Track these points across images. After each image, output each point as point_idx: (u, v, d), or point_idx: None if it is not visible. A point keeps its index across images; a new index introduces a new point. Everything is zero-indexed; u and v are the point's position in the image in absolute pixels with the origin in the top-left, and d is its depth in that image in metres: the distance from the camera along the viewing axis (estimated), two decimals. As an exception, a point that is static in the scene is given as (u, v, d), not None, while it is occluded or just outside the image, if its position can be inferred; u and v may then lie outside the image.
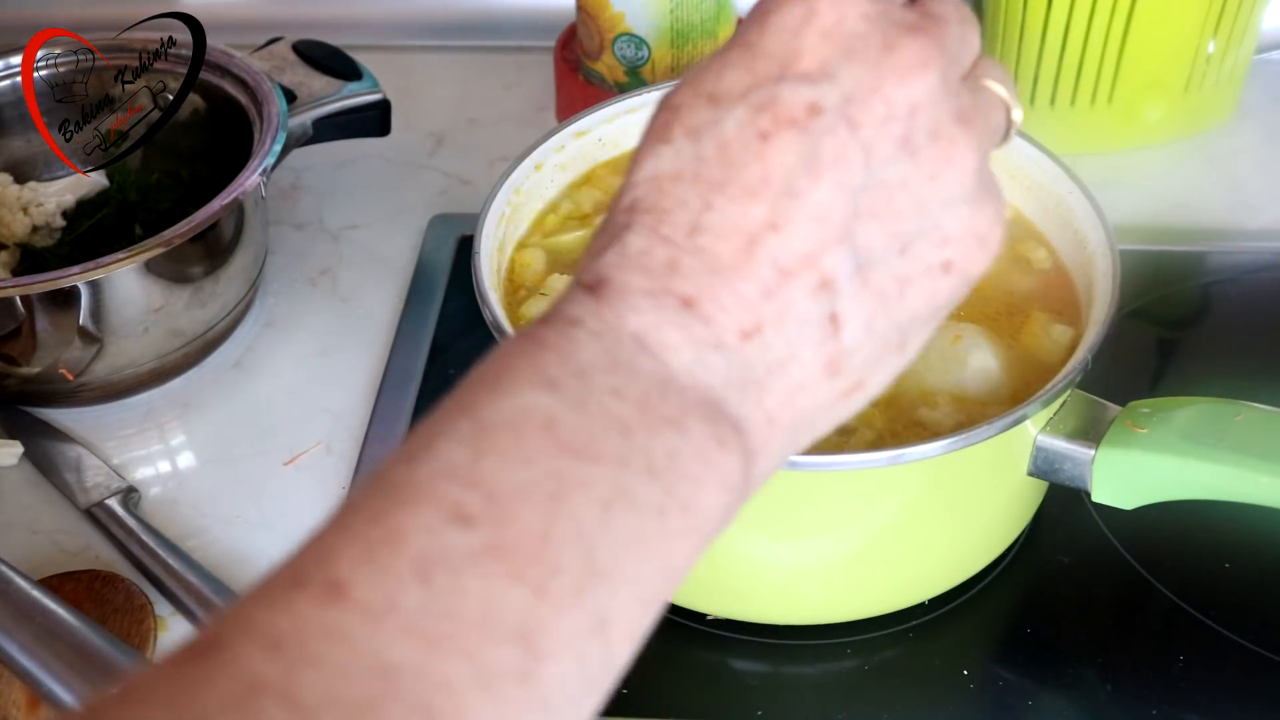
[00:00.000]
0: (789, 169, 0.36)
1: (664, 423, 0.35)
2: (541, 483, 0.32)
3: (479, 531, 0.31)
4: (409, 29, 1.08)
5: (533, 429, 0.33)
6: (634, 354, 0.36)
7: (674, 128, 0.38)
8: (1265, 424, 0.60)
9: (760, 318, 0.36)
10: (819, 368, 0.37)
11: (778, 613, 0.65)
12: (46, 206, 0.84)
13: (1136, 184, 0.92)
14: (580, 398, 0.34)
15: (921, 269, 0.39)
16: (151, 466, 0.77)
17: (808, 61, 0.38)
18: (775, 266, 0.36)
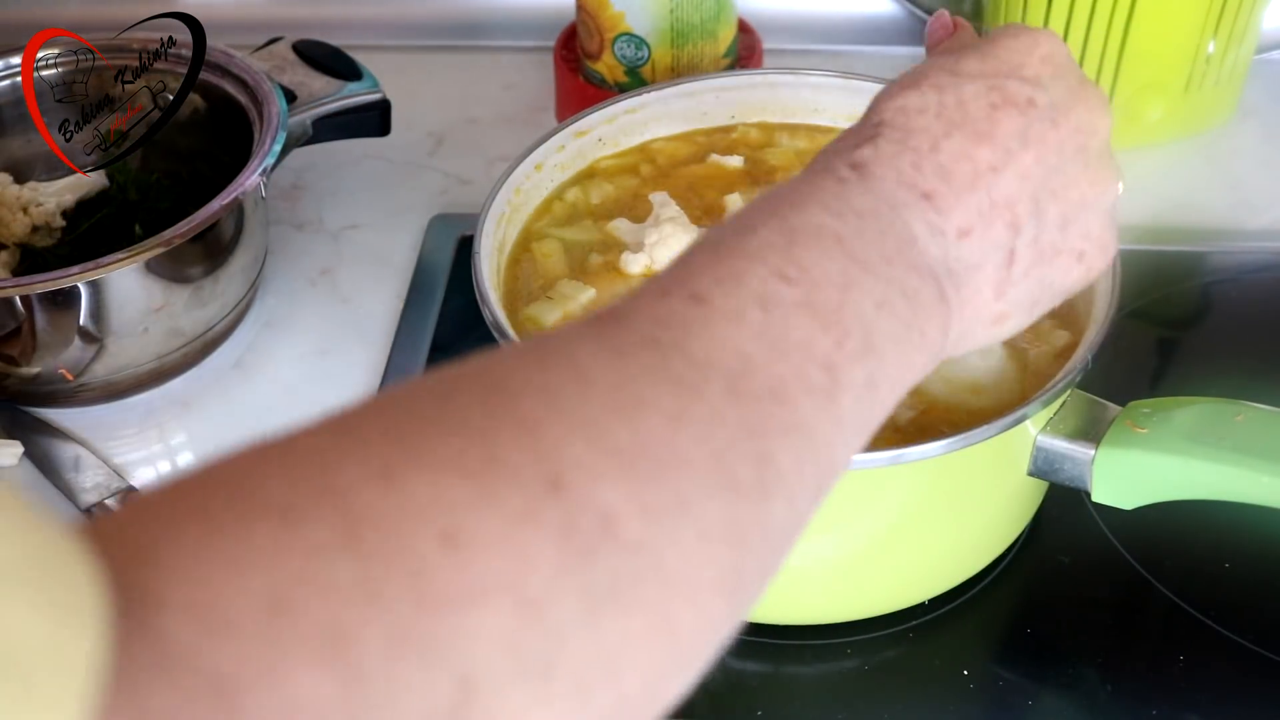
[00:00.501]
0: (1009, 134, 0.47)
1: (911, 266, 0.44)
2: (836, 273, 0.41)
3: (798, 289, 0.40)
4: (409, 29, 1.08)
5: (827, 237, 0.42)
6: (890, 214, 0.44)
7: (921, 82, 0.48)
8: (1265, 424, 0.60)
9: (973, 226, 0.46)
10: (993, 285, 0.47)
11: (778, 613, 0.65)
12: (46, 206, 0.84)
13: (1136, 184, 0.92)
14: (859, 229, 0.43)
15: (1069, 249, 0.49)
16: (151, 466, 0.77)
17: (1030, 71, 0.49)
18: (990, 196, 0.46)
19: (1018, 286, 0.48)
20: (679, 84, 0.78)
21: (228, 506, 0.31)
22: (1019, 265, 0.47)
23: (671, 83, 0.78)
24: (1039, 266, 0.48)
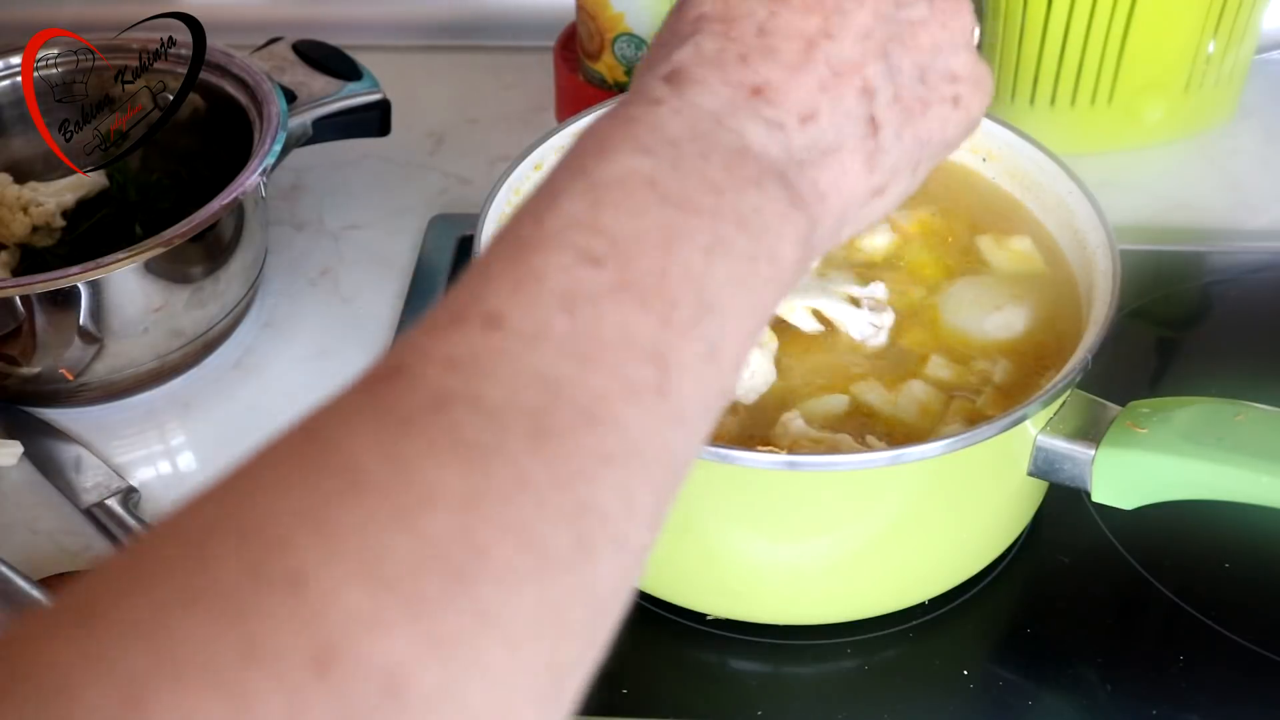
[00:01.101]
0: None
1: (747, 182, 0.39)
2: (653, 230, 0.37)
3: (608, 270, 0.35)
4: (409, 29, 1.08)
5: (639, 185, 0.38)
6: (714, 128, 0.40)
7: None
8: (1265, 424, 0.60)
9: (817, 106, 0.42)
10: (860, 160, 0.43)
11: (778, 613, 0.65)
12: (46, 206, 0.84)
13: (1136, 184, 0.92)
14: (675, 161, 0.39)
15: (938, 97, 0.45)
16: (151, 466, 0.77)
17: None
18: (829, 66, 0.42)
19: (890, 153, 0.44)
20: (679, 84, 0.78)
21: None
22: (886, 130, 0.44)
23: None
24: (910, 125, 0.44)
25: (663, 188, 0.38)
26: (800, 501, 0.61)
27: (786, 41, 0.42)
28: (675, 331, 0.36)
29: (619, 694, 0.63)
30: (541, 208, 0.37)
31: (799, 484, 0.59)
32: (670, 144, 0.39)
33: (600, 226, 0.36)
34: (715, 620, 0.66)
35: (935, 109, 0.45)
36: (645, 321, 0.35)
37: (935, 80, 0.45)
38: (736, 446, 0.58)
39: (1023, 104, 0.92)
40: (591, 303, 0.35)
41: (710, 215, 0.38)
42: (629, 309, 0.35)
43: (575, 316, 0.34)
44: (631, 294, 0.35)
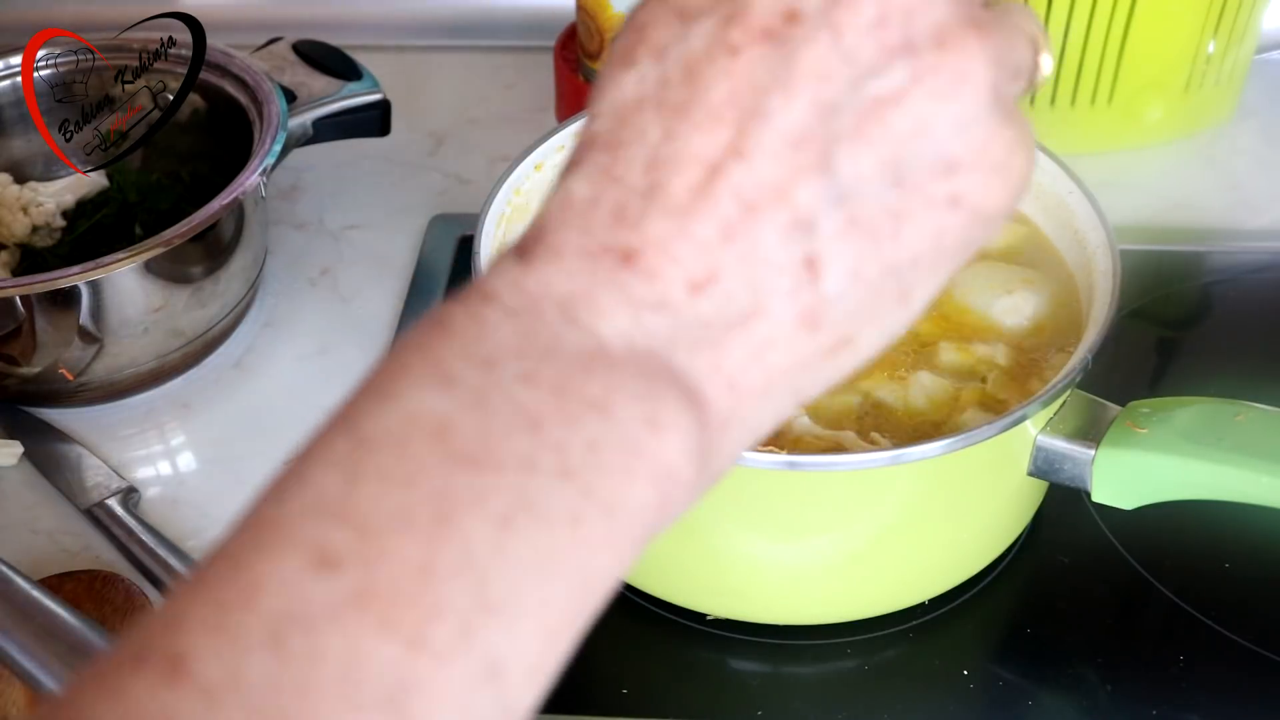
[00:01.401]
0: (758, 86, 0.31)
1: (585, 408, 0.30)
2: (424, 505, 0.28)
3: (345, 576, 0.27)
4: (409, 29, 1.08)
5: (419, 439, 0.29)
6: (557, 329, 0.31)
7: (639, 49, 0.33)
8: (1265, 424, 0.60)
9: (716, 265, 0.31)
10: (792, 321, 0.32)
11: (778, 613, 0.65)
12: (46, 206, 0.84)
13: (1136, 184, 0.92)
14: (481, 392, 0.29)
15: (921, 203, 0.32)
16: (151, 466, 0.77)
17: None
18: (738, 200, 0.31)
19: (846, 298, 0.32)
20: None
21: None
22: (833, 271, 0.32)
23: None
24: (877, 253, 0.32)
25: (454, 438, 0.29)
26: (800, 501, 0.61)
27: (676, 174, 0.31)
28: (429, 657, 0.27)
29: (619, 694, 0.63)
30: (289, 479, 0.29)
31: (799, 484, 0.59)
32: (484, 367, 0.30)
33: (351, 508, 0.28)
34: (715, 620, 0.66)
35: (920, 220, 0.32)
36: (383, 651, 0.27)
37: (920, 179, 0.32)
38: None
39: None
40: (308, 632, 0.26)
41: (517, 468, 0.29)
42: (361, 635, 0.27)
43: (281, 655, 0.26)
44: (369, 610, 0.27)
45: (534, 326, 0.31)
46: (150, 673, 0.26)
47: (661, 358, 0.31)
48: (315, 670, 0.26)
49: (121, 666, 0.27)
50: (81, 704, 0.27)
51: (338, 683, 0.26)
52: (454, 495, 0.28)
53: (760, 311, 0.32)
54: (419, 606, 0.27)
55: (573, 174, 0.33)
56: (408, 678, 0.27)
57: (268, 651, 0.26)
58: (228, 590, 0.27)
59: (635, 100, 0.33)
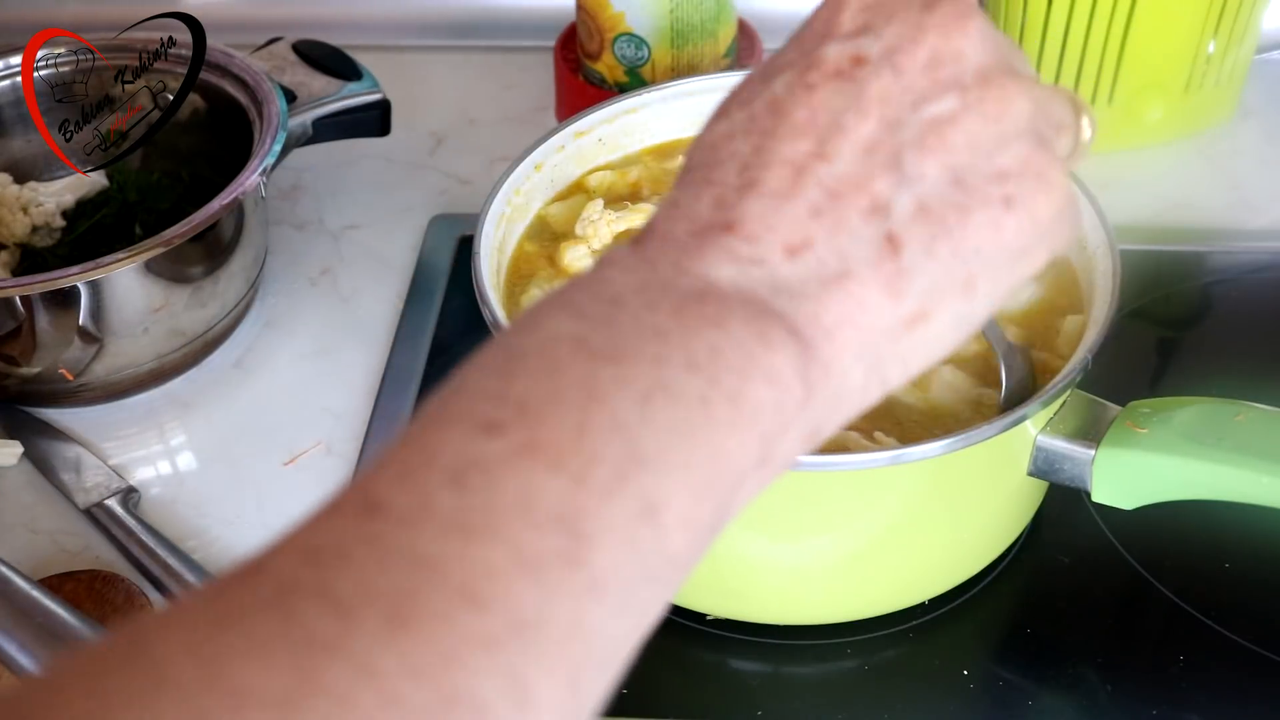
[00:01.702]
0: (835, 109, 0.38)
1: (704, 323, 0.35)
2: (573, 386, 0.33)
3: (511, 436, 0.32)
4: (409, 29, 1.08)
5: (562, 348, 0.34)
6: (670, 277, 0.36)
7: (730, 104, 0.40)
8: (1265, 424, 0.60)
9: (808, 234, 0.37)
10: (879, 286, 0.37)
11: (778, 613, 0.65)
12: (46, 206, 0.84)
13: (1136, 184, 0.92)
14: (610, 318, 0.35)
15: (980, 200, 0.38)
16: (151, 466, 0.77)
17: (849, 25, 0.40)
18: (823, 189, 0.37)
19: (921, 273, 0.38)
20: (679, 84, 0.78)
21: None
22: (911, 247, 0.38)
23: (671, 83, 0.78)
24: (945, 237, 0.38)
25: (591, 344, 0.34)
26: (800, 501, 0.61)
27: (769, 171, 0.38)
28: (593, 492, 0.31)
29: (619, 694, 0.63)
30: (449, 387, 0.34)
31: (799, 484, 0.59)
32: (610, 302, 0.35)
33: (509, 395, 0.33)
34: (715, 620, 0.66)
35: (979, 214, 0.38)
36: (552, 483, 0.31)
37: (976, 182, 0.39)
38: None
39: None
40: (485, 472, 0.31)
41: (651, 362, 0.34)
42: (532, 472, 0.31)
43: (464, 490, 0.31)
44: (538, 456, 0.31)
45: (651, 276, 0.36)
46: (350, 513, 0.31)
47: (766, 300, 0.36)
48: (495, 498, 0.30)
49: (322, 514, 0.31)
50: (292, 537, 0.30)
51: (516, 507, 0.31)
52: (598, 381, 0.33)
53: (850, 275, 0.37)
54: (580, 454, 0.32)
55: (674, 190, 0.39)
56: (575, 505, 0.31)
57: (451, 489, 0.31)
58: (408, 454, 0.32)
59: (726, 133, 0.39)
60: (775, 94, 0.39)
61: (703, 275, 0.36)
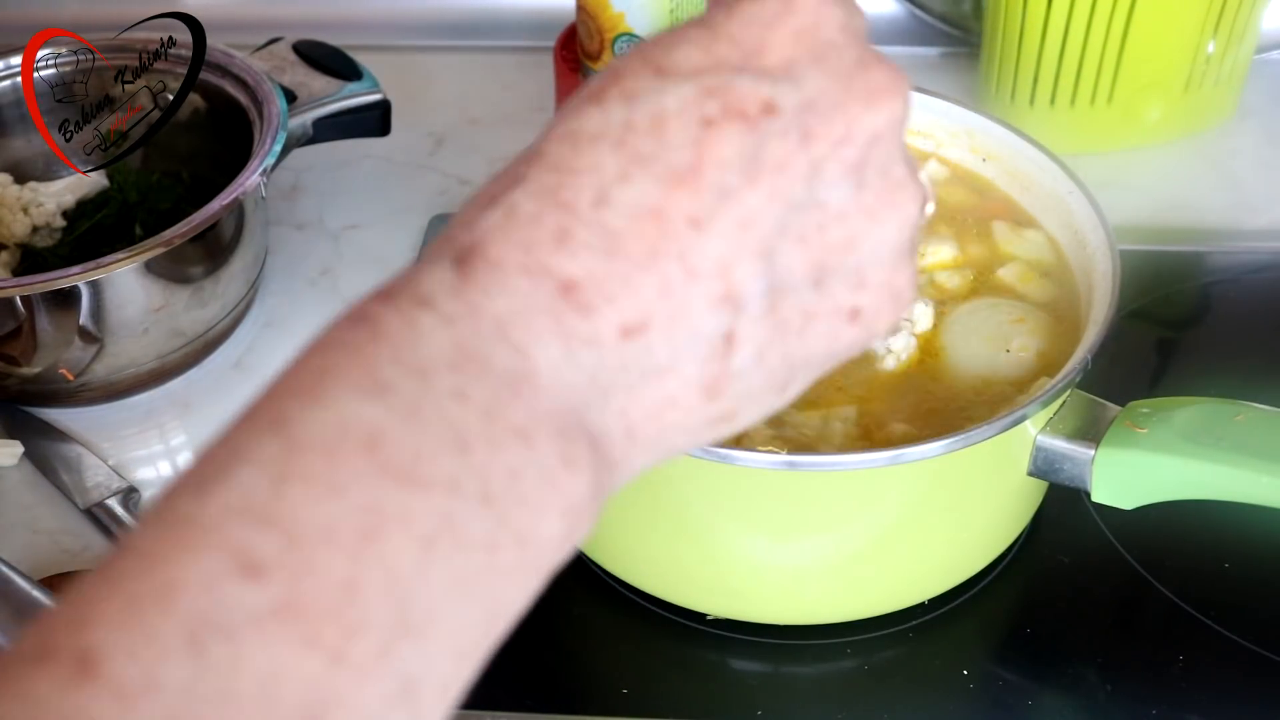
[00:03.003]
0: (726, 164, 0.33)
1: (510, 434, 0.30)
2: (352, 518, 0.28)
3: (270, 585, 0.26)
4: (409, 29, 1.08)
5: (351, 448, 0.28)
6: (491, 345, 0.31)
7: (609, 89, 0.34)
8: (1265, 424, 0.60)
9: (648, 316, 0.32)
10: (698, 387, 0.34)
11: (778, 613, 0.65)
12: (47, 207, 0.84)
13: (1136, 184, 0.92)
14: (415, 403, 0.29)
15: (830, 308, 0.35)
16: (152, 466, 0.77)
17: (774, 57, 0.34)
18: (684, 265, 0.32)
19: (746, 377, 0.34)
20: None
21: None
22: (745, 350, 0.34)
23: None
24: (782, 344, 0.35)
25: (385, 449, 0.28)
26: (800, 501, 0.61)
27: (632, 221, 0.32)
28: (350, 672, 0.27)
29: (619, 694, 0.63)
30: (211, 474, 0.28)
31: (799, 484, 0.59)
32: (418, 375, 0.30)
33: (278, 514, 0.27)
34: (715, 620, 0.66)
35: (823, 324, 0.35)
36: (305, 664, 0.26)
37: (836, 288, 0.35)
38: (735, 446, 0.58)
39: (1023, 104, 0.92)
40: (231, 639, 0.26)
41: (444, 488, 0.29)
42: (284, 645, 0.26)
43: (202, 661, 0.25)
44: (294, 623, 0.26)
45: (469, 340, 0.31)
46: (58, 670, 0.25)
47: (581, 395, 0.32)
48: (235, 680, 0.26)
49: (24, 664, 0.26)
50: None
51: (257, 695, 0.26)
52: (382, 510, 0.28)
53: (674, 370, 0.33)
54: (342, 622, 0.27)
55: (517, 188, 0.33)
56: (327, 694, 0.27)
57: (186, 656, 0.25)
58: (142, 586, 0.26)
59: (594, 134, 0.33)
60: (665, 108, 0.33)
61: (526, 352, 0.31)
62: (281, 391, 0.30)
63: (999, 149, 0.74)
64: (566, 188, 0.33)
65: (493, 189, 0.34)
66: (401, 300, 0.32)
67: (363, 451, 0.28)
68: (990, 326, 0.66)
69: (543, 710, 0.63)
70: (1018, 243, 0.71)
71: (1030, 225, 0.72)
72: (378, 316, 0.31)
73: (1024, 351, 0.65)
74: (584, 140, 0.33)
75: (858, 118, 0.34)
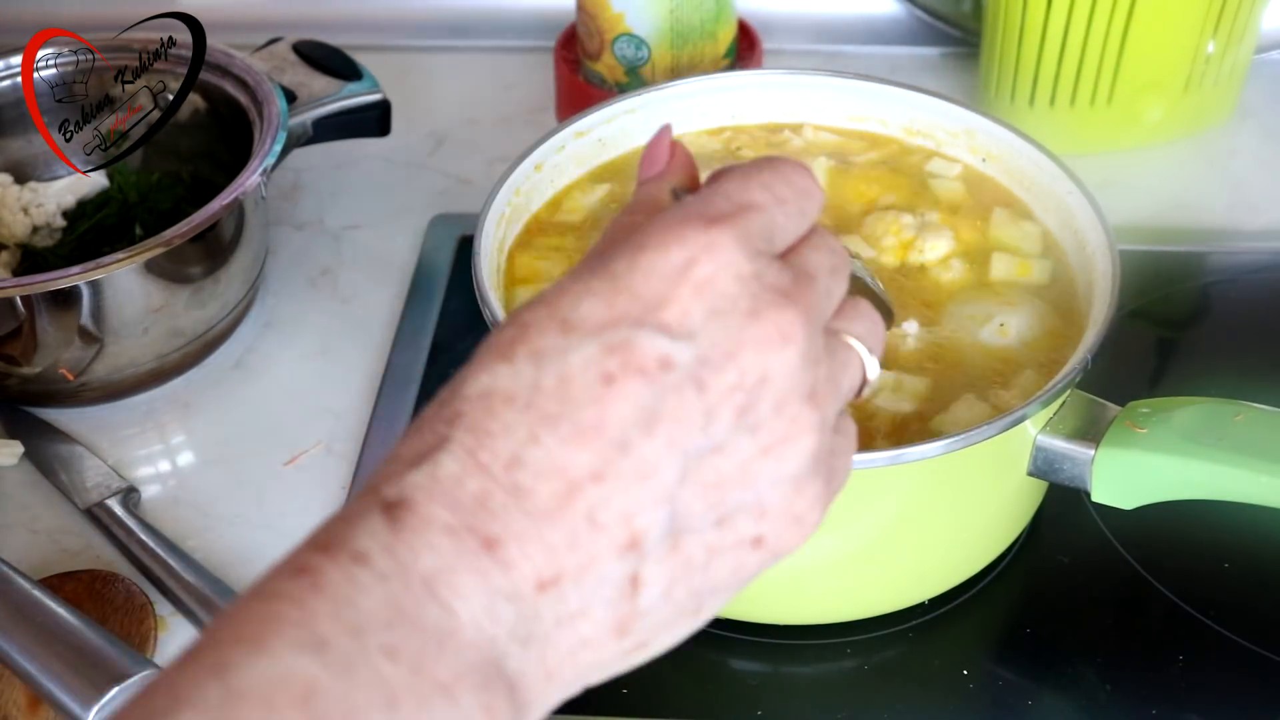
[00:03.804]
0: (625, 420, 0.35)
1: (435, 689, 0.33)
2: None
3: None
4: (409, 29, 1.08)
5: (288, 700, 0.31)
6: (421, 601, 0.34)
7: (518, 347, 0.37)
8: (1265, 424, 0.60)
9: (561, 569, 0.35)
10: (608, 627, 0.36)
11: (778, 613, 0.65)
12: (47, 207, 0.84)
13: (1136, 184, 0.92)
14: (349, 660, 0.32)
15: (733, 541, 0.38)
16: (151, 466, 0.77)
17: (672, 313, 0.37)
18: (589, 518, 0.35)
19: (654, 613, 0.37)
20: (679, 84, 0.78)
21: None
22: (650, 590, 0.36)
23: (671, 83, 0.78)
24: (688, 579, 0.37)
25: (320, 704, 0.31)
26: (800, 501, 0.61)
27: (541, 480, 0.35)
28: None
29: (619, 694, 0.63)
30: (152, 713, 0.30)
31: (799, 484, 0.59)
32: (353, 633, 0.32)
33: None
34: (715, 620, 0.65)
35: (727, 555, 0.38)
36: None
37: (738, 522, 0.38)
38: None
39: (1023, 104, 0.92)
40: None
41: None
42: None
43: None
44: None
45: (401, 597, 0.33)
46: None
47: (501, 645, 0.35)
48: None
49: None
50: None
51: None
52: None
53: (585, 614, 0.36)
54: None
55: (442, 450, 0.35)
56: None
57: None
58: None
59: (506, 395, 0.36)
60: (569, 369, 0.36)
61: (451, 608, 0.34)
62: (226, 638, 0.32)
63: (999, 149, 0.74)
64: (484, 449, 0.35)
65: (418, 445, 0.36)
66: (340, 555, 0.34)
67: (298, 704, 0.31)
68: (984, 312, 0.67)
69: (543, 710, 0.62)
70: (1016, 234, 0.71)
71: (1028, 218, 0.72)
72: (319, 569, 0.34)
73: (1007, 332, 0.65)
74: (497, 402, 0.36)
75: (747, 366, 0.37)
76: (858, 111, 0.78)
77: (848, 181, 0.75)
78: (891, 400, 0.63)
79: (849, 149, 0.77)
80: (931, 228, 0.71)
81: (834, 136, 0.78)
